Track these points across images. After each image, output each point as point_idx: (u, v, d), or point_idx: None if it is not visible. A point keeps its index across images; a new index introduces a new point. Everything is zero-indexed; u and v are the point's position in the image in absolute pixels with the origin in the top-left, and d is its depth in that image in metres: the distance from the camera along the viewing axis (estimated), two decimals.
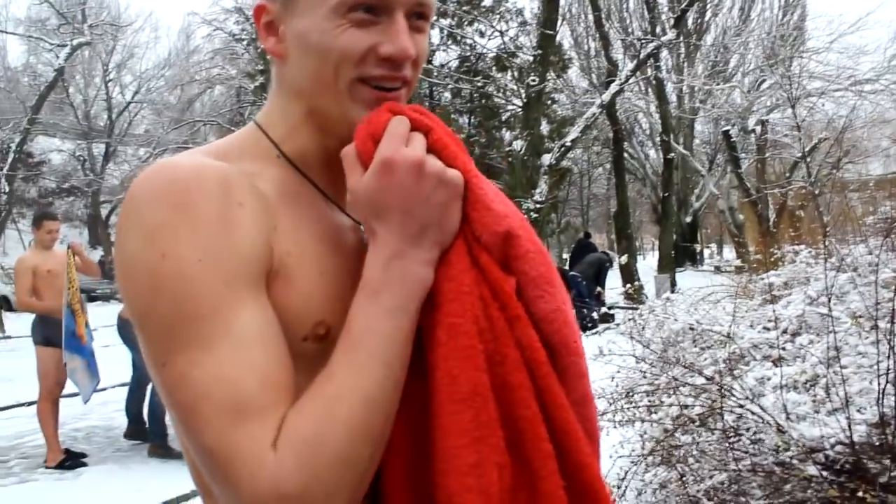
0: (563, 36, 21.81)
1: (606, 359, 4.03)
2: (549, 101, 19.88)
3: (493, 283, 0.84)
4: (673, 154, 20.42)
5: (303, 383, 0.78)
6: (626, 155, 22.83)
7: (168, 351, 0.74)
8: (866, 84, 18.66)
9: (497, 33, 19.06)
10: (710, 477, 3.19)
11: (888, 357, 3.23)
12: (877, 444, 2.96)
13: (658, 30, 18.89)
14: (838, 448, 2.96)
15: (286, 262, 0.82)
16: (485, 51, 20.28)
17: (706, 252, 29.33)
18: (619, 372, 4.12)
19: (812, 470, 2.86)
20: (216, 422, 0.71)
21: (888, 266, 4.48)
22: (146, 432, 6.23)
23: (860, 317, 3.68)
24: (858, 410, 3.25)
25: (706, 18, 24.65)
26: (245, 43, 25.55)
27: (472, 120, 22.66)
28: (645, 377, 3.82)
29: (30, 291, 5.88)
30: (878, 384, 2.94)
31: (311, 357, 0.81)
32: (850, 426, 2.84)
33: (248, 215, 0.79)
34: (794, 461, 2.95)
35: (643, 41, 15.74)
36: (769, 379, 3.76)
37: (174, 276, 0.74)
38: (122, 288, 0.78)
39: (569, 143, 14.38)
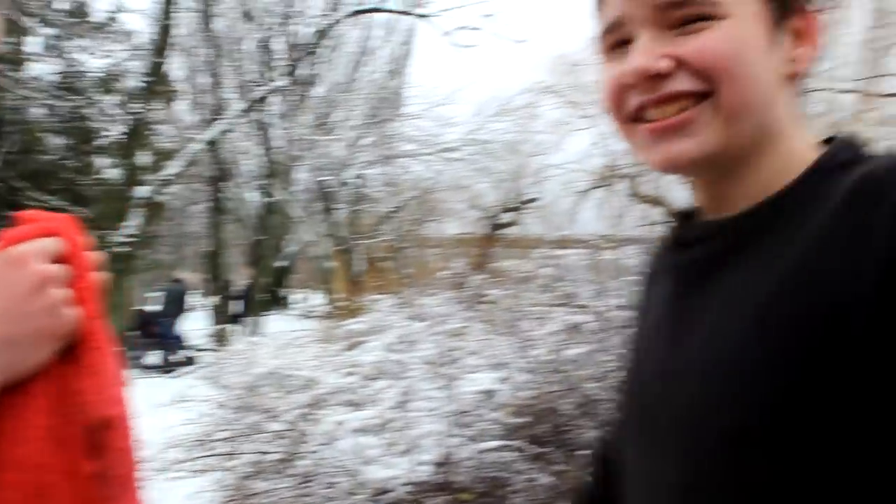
0: (176, 67, 21.00)
1: (186, 405, 3.80)
2: (153, 132, 18.93)
3: (69, 465, 0.69)
4: (272, 198, 20.67)
5: None
6: (226, 195, 22.58)
7: None
8: (450, 152, 20.88)
9: (104, 53, 17.74)
10: None
11: (450, 401, 3.50)
12: (438, 482, 3.16)
13: (271, 75, 19.14)
14: (409, 488, 3.10)
15: None
16: (88, 70, 18.68)
17: (296, 297, 30.04)
18: (197, 419, 3.91)
19: None
20: None
21: (455, 317, 4.92)
22: None
23: (430, 363, 3.95)
24: (425, 452, 3.45)
25: (318, 71, 25.67)
26: None
27: (66, 141, 20.60)
28: (225, 424, 3.67)
29: None
30: (440, 425, 3.15)
31: None
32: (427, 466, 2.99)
33: None
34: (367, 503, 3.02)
35: (256, 84, 15.82)
36: (346, 423, 3.85)
37: None
38: None
39: (169, 177, 13.76)
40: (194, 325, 16.19)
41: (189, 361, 12.48)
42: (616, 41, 0.74)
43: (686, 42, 0.69)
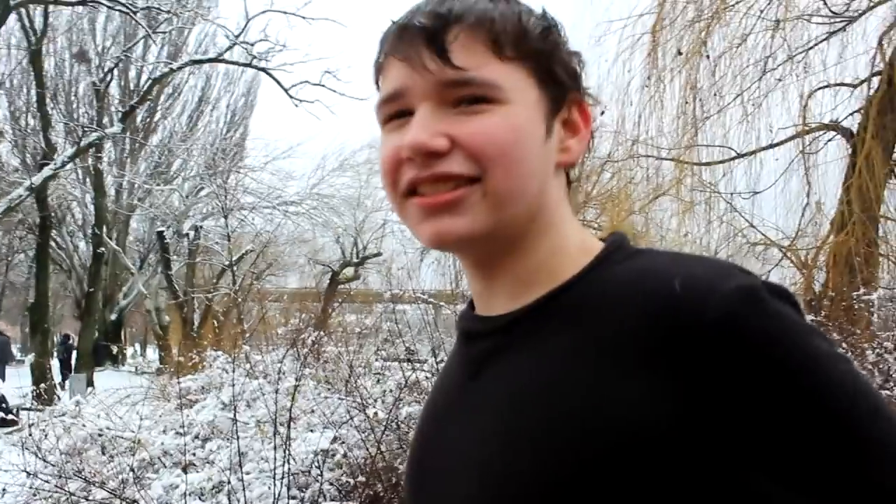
0: None
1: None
2: None
3: None
4: (104, 248, 19.75)
5: None
6: (53, 244, 21.37)
7: None
8: (291, 206, 20.72)
9: None
10: None
11: (285, 462, 3.50)
12: None
13: (105, 120, 18.39)
14: None
15: None
16: None
17: (129, 352, 28.55)
18: (12, 488, 3.68)
19: None
20: None
21: (293, 374, 4.90)
22: None
23: (265, 422, 3.93)
24: None
25: (155, 119, 24.87)
26: None
27: None
28: (45, 493, 3.48)
29: None
30: (275, 487, 3.15)
31: None
32: None
33: None
34: None
35: (87, 129, 15.17)
36: (177, 487, 3.75)
37: None
38: None
39: None
40: (13, 382, 14.97)
41: (6, 423, 11.51)
42: (396, 111, 0.74)
43: (464, 123, 0.70)
